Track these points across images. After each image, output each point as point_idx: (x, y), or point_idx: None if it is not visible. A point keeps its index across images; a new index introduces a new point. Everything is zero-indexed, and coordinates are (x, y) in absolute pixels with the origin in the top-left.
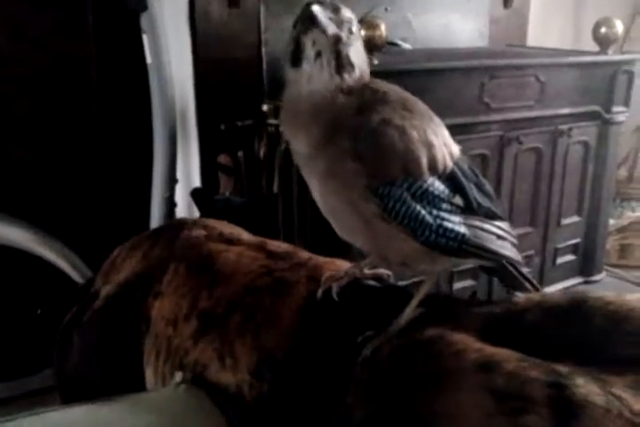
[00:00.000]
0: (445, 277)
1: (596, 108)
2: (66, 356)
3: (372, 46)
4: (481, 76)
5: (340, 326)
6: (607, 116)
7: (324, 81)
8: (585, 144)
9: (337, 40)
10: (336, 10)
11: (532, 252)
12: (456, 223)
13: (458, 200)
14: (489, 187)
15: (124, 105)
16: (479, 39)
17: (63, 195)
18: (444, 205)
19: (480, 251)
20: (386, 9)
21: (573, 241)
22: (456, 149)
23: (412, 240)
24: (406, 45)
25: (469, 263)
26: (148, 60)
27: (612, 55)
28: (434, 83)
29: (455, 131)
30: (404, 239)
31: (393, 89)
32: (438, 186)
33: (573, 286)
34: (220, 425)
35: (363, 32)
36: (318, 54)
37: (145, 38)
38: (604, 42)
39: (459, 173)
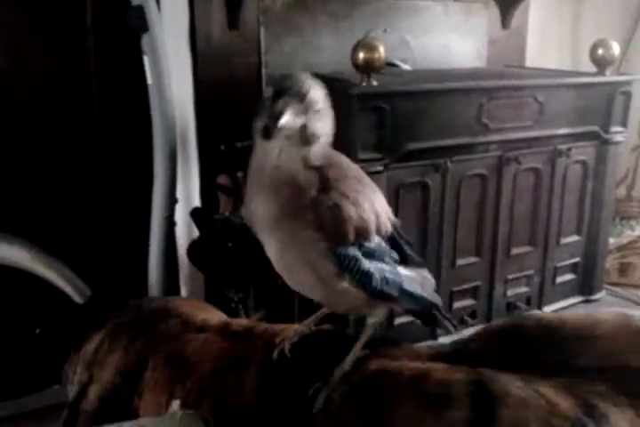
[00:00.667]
0: (445, 297)
1: (595, 128)
2: None
3: (370, 68)
4: (479, 97)
5: (294, 383)
6: (605, 136)
7: (291, 155)
8: (584, 164)
9: (302, 129)
10: (302, 97)
11: (531, 271)
12: (396, 275)
13: (395, 255)
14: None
15: (125, 125)
16: (477, 60)
17: (63, 214)
18: (387, 259)
19: (411, 297)
20: (385, 30)
21: (573, 260)
22: (391, 213)
23: (361, 292)
24: (405, 66)
25: (403, 307)
26: (149, 80)
27: (609, 76)
28: (432, 104)
29: (454, 151)
30: (355, 292)
31: (346, 162)
32: (383, 245)
33: (573, 304)
34: None
35: (362, 55)
36: (288, 136)
37: (145, 59)
38: (601, 63)
39: (395, 234)
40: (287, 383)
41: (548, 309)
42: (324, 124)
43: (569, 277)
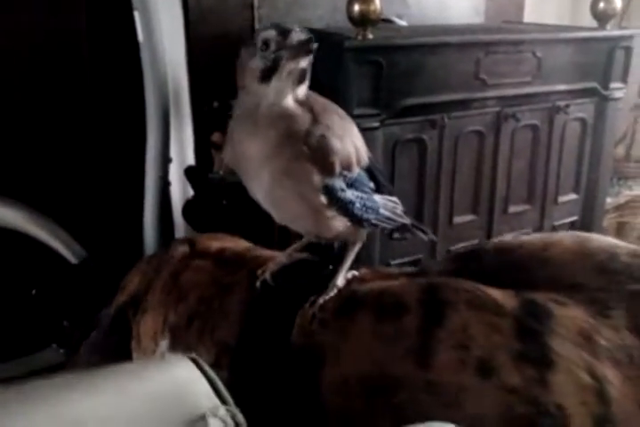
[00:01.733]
0: (443, 255)
1: (594, 84)
2: (75, 367)
3: (365, 21)
4: (477, 52)
5: (280, 305)
6: (605, 92)
7: (287, 94)
8: (582, 121)
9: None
10: (285, 33)
11: (529, 229)
12: (373, 202)
13: (371, 185)
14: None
15: (116, 84)
16: (475, 16)
17: (56, 174)
18: (366, 189)
19: (388, 220)
20: None
21: (570, 219)
22: (365, 146)
23: (343, 219)
24: (401, 22)
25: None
26: (140, 37)
27: (610, 31)
28: (429, 58)
29: (451, 107)
30: (339, 218)
31: (324, 100)
32: (362, 175)
33: None
34: (207, 394)
35: (357, 7)
36: (288, 74)
37: (136, 15)
38: (602, 17)
39: (371, 165)
40: (269, 308)
41: None
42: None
43: None
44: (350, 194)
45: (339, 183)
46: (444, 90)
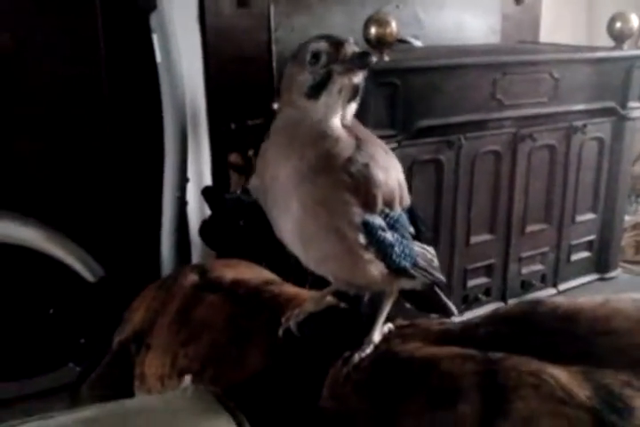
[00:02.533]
0: (459, 275)
1: (611, 104)
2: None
3: (382, 44)
4: (494, 73)
5: (307, 360)
6: (622, 112)
7: (336, 112)
8: (600, 140)
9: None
10: (342, 51)
11: (546, 249)
12: (411, 249)
13: (411, 230)
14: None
15: (135, 105)
16: (491, 36)
17: (75, 194)
18: (406, 234)
19: (424, 273)
20: (397, 6)
21: (588, 238)
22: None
23: (380, 264)
24: (417, 42)
25: (412, 285)
26: (158, 59)
27: (627, 50)
28: (445, 80)
29: (467, 128)
30: (375, 263)
31: (367, 131)
32: (404, 217)
33: (588, 282)
34: (229, 425)
35: (373, 30)
36: (340, 90)
37: (155, 37)
38: (619, 37)
39: (413, 207)
40: (294, 364)
41: (562, 286)
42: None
43: (584, 254)
44: (390, 236)
45: (379, 221)
46: (461, 111)
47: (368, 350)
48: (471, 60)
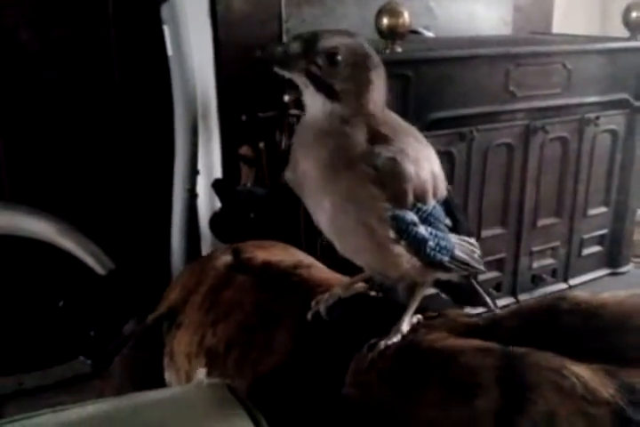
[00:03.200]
0: None
1: (625, 95)
2: (106, 385)
3: (394, 34)
4: (506, 64)
5: (334, 345)
6: (636, 104)
7: (318, 108)
8: (613, 133)
9: (309, 75)
10: (310, 42)
11: (557, 243)
12: (449, 241)
13: (447, 221)
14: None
15: (146, 97)
16: (502, 27)
17: (85, 187)
18: (441, 226)
19: (462, 265)
20: None
21: (600, 232)
22: (443, 176)
23: (414, 258)
24: (429, 33)
25: (448, 277)
26: (169, 51)
27: None
28: (458, 71)
29: (480, 120)
30: (408, 257)
31: (400, 121)
32: (438, 210)
33: (599, 277)
34: (241, 421)
35: (385, 20)
36: (305, 86)
37: (166, 29)
38: (634, 27)
39: (449, 198)
40: (321, 348)
41: (573, 281)
42: (349, 80)
43: (595, 249)
44: (423, 230)
45: (410, 216)
46: (473, 103)
47: (395, 339)
48: (484, 51)
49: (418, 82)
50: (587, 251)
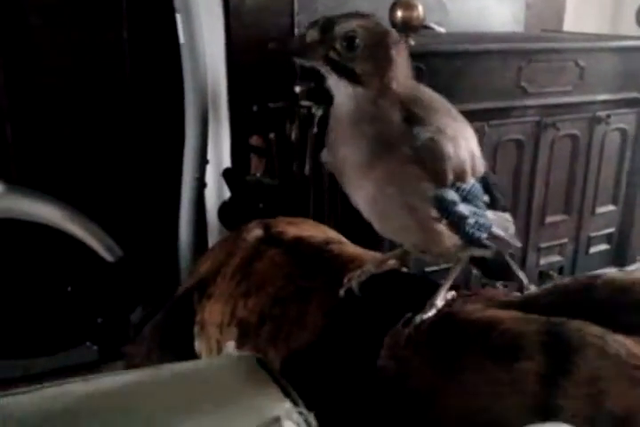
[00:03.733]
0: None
1: (636, 94)
2: (137, 348)
3: (408, 28)
4: (518, 60)
5: (367, 320)
6: None
7: (344, 94)
8: (623, 132)
9: (329, 61)
10: (326, 28)
11: (565, 240)
12: (487, 219)
13: (485, 198)
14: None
15: (157, 85)
16: (514, 24)
17: (94, 174)
18: (480, 204)
19: (498, 242)
20: None
21: (608, 230)
22: (480, 153)
23: (454, 235)
24: (440, 29)
25: (483, 253)
26: (181, 39)
27: None
28: (471, 65)
29: (491, 115)
30: (449, 235)
31: (434, 96)
32: (477, 187)
33: None
34: (272, 394)
35: (400, 13)
36: (328, 73)
37: (178, 18)
38: None
39: (487, 175)
40: (355, 324)
41: None
42: (370, 62)
43: (603, 247)
44: (463, 208)
45: (452, 195)
46: (485, 98)
47: (430, 313)
48: (497, 46)
49: (430, 75)
50: (594, 249)
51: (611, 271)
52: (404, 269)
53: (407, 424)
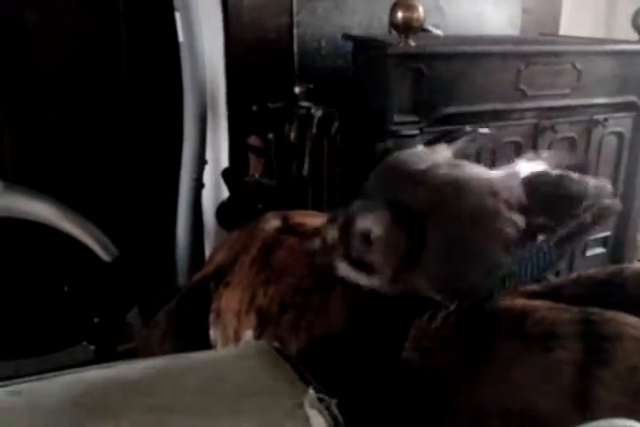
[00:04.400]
0: None
1: (633, 98)
2: (151, 333)
3: (409, 28)
4: (518, 63)
5: (392, 311)
6: None
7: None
8: (619, 135)
9: (348, 258)
10: (345, 227)
11: None
12: None
13: None
14: None
15: (155, 84)
16: (511, 28)
17: (92, 173)
18: None
19: None
20: None
21: (603, 234)
22: None
23: None
24: (438, 32)
25: None
26: (180, 38)
27: None
28: (470, 67)
29: (489, 117)
30: None
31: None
32: None
33: None
34: (292, 382)
35: (400, 14)
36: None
37: (177, 16)
38: None
39: None
40: (379, 315)
41: None
42: (381, 254)
43: (599, 250)
44: None
45: None
46: (484, 100)
47: (453, 306)
48: (496, 49)
49: (430, 76)
50: (590, 252)
51: (632, 265)
52: None
53: (428, 415)
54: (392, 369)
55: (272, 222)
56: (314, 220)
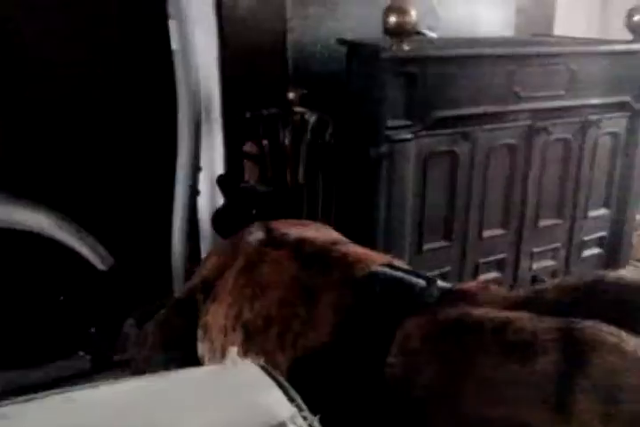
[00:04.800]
0: (471, 269)
1: (627, 98)
2: (140, 346)
3: (402, 32)
4: (511, 65)
5: (377, 316)
6: (638, 107)
7: None
8: (614, 135)
9: None
10: None
11: (558, 244)
12: None
13: None
14: None
15: (149, 91)
16: (505, 29)
17: (87, 182)
18: None
19: None
20: None
21: (600, 234)
22: None
23: None
24: (432, 34)
25: None
26: (174, 45)
27: None
28: (464, 70)
29: (483, 120)
30: None
31: None
32: None
33: None
34: (277, 399)
35: (393, 18)
36: None
37: (171, 24)
38: (637, 30)
39: None
40: (366, 322)
41: None
42: None
43: (595, 251)
44: None
45: None
46: (478, 102)
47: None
48: (489, 51)
49: (423, 80)
50: (586, 253)
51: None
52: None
53: (411, 422)
54: (376, 378)
55: (256, 234)
56: (299, 229)
